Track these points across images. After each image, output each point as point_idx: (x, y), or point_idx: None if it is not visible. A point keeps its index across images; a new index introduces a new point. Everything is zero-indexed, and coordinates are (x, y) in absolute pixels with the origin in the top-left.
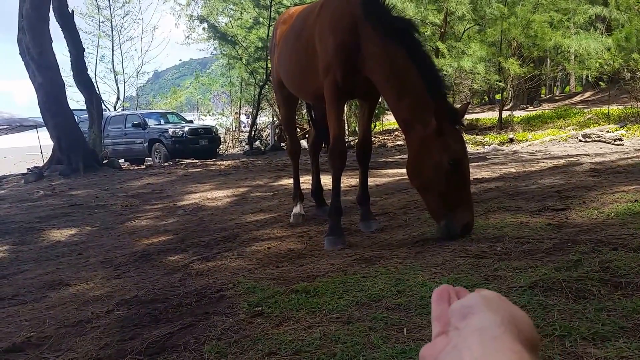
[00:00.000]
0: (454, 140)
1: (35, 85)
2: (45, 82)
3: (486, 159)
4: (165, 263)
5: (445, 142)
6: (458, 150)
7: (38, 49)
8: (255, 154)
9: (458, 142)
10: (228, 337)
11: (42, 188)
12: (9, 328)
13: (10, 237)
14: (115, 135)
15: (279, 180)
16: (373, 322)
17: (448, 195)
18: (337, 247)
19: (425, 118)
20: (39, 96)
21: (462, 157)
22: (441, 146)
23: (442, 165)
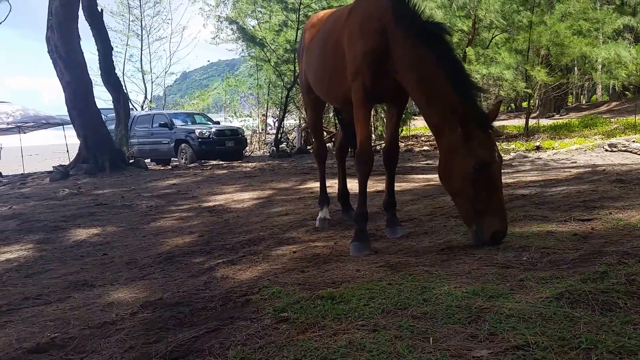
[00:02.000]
0: (481, 145)
1: (63, 83)
2: (72, 81)
3: (512, 166)
4: (190, 265)
5: (471, 147)
6: (484, 156)
7: (66, 47)
8: (281, 156)
9: (485, 147)
10: (253, 343)
11: (68, 186)
12: (33, 328)
13: (35, 235)
14: (142, 134)
15: (305, 184)
16: (399, 331)
17: (476, 201)
18: (363, 253)
19: (454, 123)
20: (66, 94)
21: (488, 162)
22: (466, 151)
23: (468, 171)
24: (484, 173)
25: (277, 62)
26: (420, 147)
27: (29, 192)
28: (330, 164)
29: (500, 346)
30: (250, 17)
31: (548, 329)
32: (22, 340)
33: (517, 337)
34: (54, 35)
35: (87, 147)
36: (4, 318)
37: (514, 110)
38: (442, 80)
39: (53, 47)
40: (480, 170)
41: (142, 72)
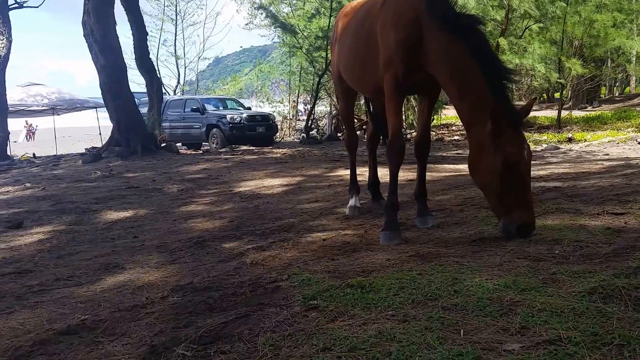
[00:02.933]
0: (510, 142)
1: (98, 67)
2: (107, 64)
3: (543, 157)
4: (220, 250)
5: (500, 145)
6: (512, 154)
7: (102, 31)
8: (311, 143)
9: (513, 145)
10: (282, 330)
11: (100, 169)
12: (63, 309)
13: (67, 217)
14: (174, 119)
15: (335, 171)
16: (429, 322)
17: (504, 195)
18: (393, 242)
19: (485, 119)
20: (101, 78)
21: (516, 160)
22: (495, 148)
23: (496, 167)
24: (512, 170)
25: (309, 49)
26: (451, 137)
27: (62, 174)
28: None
29: (532, 340)
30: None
31: (580, 324)
32: (52, 321)
33: (549, 332)
34: (90, 19)
35: (120, 131)
36: (36, 298)
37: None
38: (474, 74)
39: (89, 31)
40: (508, 168)
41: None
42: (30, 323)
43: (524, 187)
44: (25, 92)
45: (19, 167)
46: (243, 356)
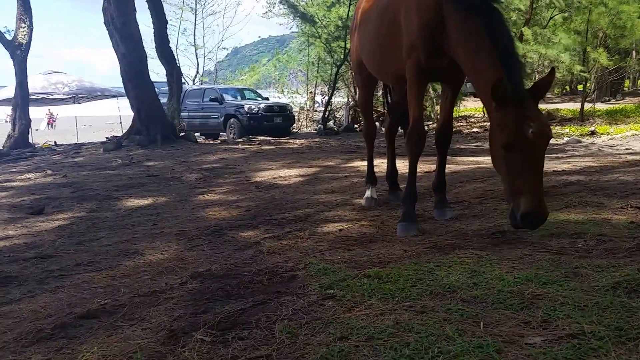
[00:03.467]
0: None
1: (118, 55)
2: (128, 53)
3: (565, 150)
4: (237, 239)
5: (502, 125)
6: (511, 133)
7: (122, 18)
8: (328, 134)
9: (515, 123)
10: (299, 318)
11: (121, 157)
12: (83, 294)
13: (88, 203)
14: (192, 108)
15: (351, 162)
16: (448, 314)
17: (510, 180)
18: (410, 233)
19: None
20: (122, 66)
21: (514, 140)
22: (499, 129)
23: (499, 150)
24: (512, 151)
25: (328, 38)
26: (470, 129)
27: (83, 162)
28: (377, 143)
29: (554, 334)
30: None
31: (604, 319)
32: (73, 305)
33: (572, 326)
34: (111, 6)
35: (140, 120)
36: (56, 283)
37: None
38: (487, 52)
39: (109, 19)
40: (510, 149)
41: (194, 46)
42: (51, 307)
43: (528, 170)
44: (46, 80)
45: (41, 155)
46: (260, 343)
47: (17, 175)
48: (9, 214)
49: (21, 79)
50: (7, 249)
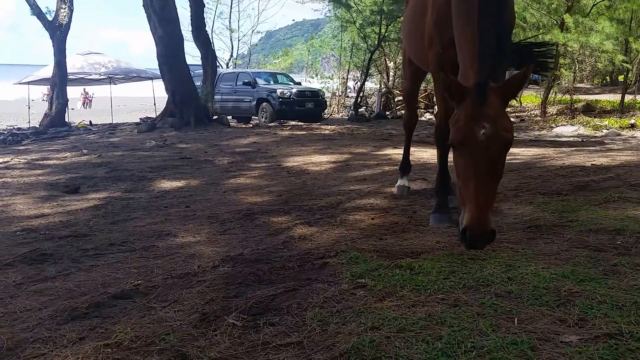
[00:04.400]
0: (462, 116)
1: (156, 37)
2: (165, 35)
3: (604, 143)
4: (268, 224)
5: (454, 119)
6: (458, 130)
7: (161, 2)
8: (359, 120)
9: (466, 119)
10: (330, 306)
11: (154, 139)
12: (117, 274)
13: (122, 184)
14: (226, 92)
15: (383, 150)
16: (481, 308)
17: (459, 184)
18: (443, 225)
19: None
20: (158, 49)
21: (459, 140)
22: (451, 123)
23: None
24: (461, 153)
25: (363, 24)
26: None
27: (118, 142)
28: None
29: (591, 333)
30: None
31: None
32: (107, 285)
33: (609, 325)
34: None
35: (175, 102)
36: (91, 262)
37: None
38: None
39: (148, 1)
40: (457, 149)
41: (230, 29)
42: (85, 285)
43: (474, 177)
44: (85, 61)
45: (76, 134)
46: (291, 329)
47: (53, 154)
48: (45, 192)
49: (60, 59)
50: (43, 227)
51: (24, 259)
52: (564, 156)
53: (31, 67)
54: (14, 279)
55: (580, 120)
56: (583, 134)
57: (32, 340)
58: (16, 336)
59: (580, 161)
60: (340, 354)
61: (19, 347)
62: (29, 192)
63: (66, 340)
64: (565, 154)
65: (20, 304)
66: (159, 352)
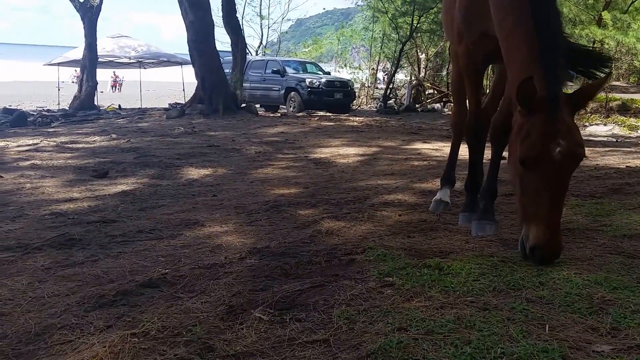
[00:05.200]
0: (535, 130)
1: (187, 22)
2: (196, 21)
3: (639, 145)
4: (295, 216)
5: (523, 132)
6: (532, 146)
7: None
8: (388, 113)
9: (540, 135)
10: (357, 304)
11: (183, 125)
12: (145, 262)
13: (150, 170)
14: (254, 80)
15: (412, 144)
16: (512, 313)
17: (525, 202)
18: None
19: None
20: (189, 35)
21: (535, 156)
22: (519, 139)
23: (515, 163)
24: (534, 170)
25: (395, 14)
26: None
27: (146, 127)
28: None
29: (624, 343)
30: None
31: None
32: (134, 272)
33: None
34: None
35: (204, 89)
36: (119, 249)
37: None
38: (524, 38)
39: None
40: (529, 166)
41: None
42: (113, 272)
43: (547, 195)
44: (115, 44)
45: (105, 118)
46: (318, 326)
47: (82, 137)
48: (74, 176)
49: (90, 41)
50: (72, 211)
51: (52, 244)
52: (597, 156)
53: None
54: (42, 263)
55: (615, 120)
56: (617, 134)
57: (60, 326)
58: (44, 321)
59: (615, 162)
60: (367, 354)
61: (46, 333)
62: (58, 175)
63: (93, 328)
64: (599, 154)
65: (49, 289)
66: (186, 343)
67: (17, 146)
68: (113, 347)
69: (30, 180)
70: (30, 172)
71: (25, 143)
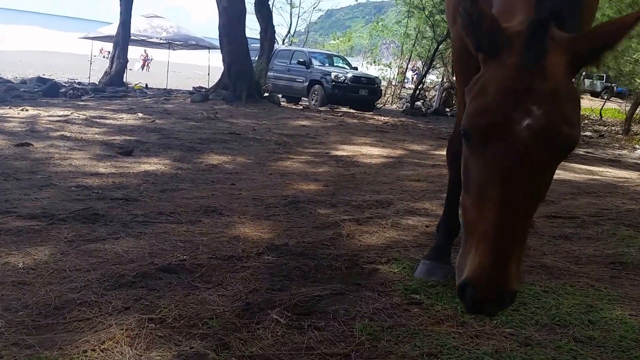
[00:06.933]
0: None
1: (220, 8)
2: (229, 6)
3: None
4: (315, 215)
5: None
6: (471, 114)
7: None
8: (415, 114)
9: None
10: (381, 320)
11: (206, 110)
12: (164, 245)
13: (172, 152)
14: (279, 69)
15: (441, 150)
16: (558, 353)
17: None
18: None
19: None
20: (221, 20)
21: (481, 128)
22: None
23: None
24: (480, 151)
25: (432, 10)
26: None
27: (171, 109)
28: None
29: None
30: None
31: None
32: (154, 254)
33: None
34: None
35: (229, 75)
36: (140, 229)
37: None
38: None
39: None
40: (474, 144)
41: (291, 4)
42: (133, 252)
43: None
44: (148, 23)
45: (133, 96)
46: (338, 338)
47: (110, 114)
48: (100, 151)
49: (125, 19)
50: (97, 186)
51: (77, 217)
52: None
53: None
54: (66, 235)
55: None
56: None
57: (79, 302)
58: (64, 295)
59: None
60: None
61: (65, 308)
62: (86, 148)
63: (111, 308)
64: None
65: (71, 263)
66: (202, 336)
67: (49, 116)
68: (130, 330)
69: (59, 150)
70: (59, 142)
71: (56, 114)
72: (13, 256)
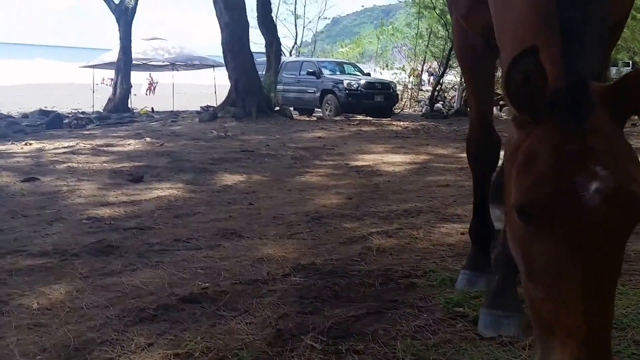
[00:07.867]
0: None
1: (221, 24)
2: (231, 22)
3: None
4: (340, 230)
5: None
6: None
7: None
8: (435, 117)
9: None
10: (425, 338)
11: (216, 129)
12: (184, 274)
13: (184, 175)
14: (288, 82)
15: None
16: (618, 358)
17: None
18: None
19: None
20: (223, 36)
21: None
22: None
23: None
24: (542, 229)
25: (444, 9)
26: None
27: (179, 130)
28: None
29: None
30: None
31: None
32: (173, 284)
33: None
34: None
35: (237, 91)
36: (156, 258)
37: None
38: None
39: None
40: (533, 222)
41: (295, 15)
42: (152, 284)
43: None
44: (149, 46)
45: (139, 121)
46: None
47: (117, 140)
48: (109, 180)
49: (125, 44)
50: (108, 217)
51: (90, 250)
52: None
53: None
54: (80, 270)
55: None
56: None
57: (100, 341)
58: (83, 335)
59: None
60: None
61: (86, 349)
62: (94, 178)
63: (134, 345)
64: None
65: (87, 300)
66: None
67: (54, 148)
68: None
69: (67, 183)
70: (66, 175)
71: (61, 145)
72: (27, 297)
